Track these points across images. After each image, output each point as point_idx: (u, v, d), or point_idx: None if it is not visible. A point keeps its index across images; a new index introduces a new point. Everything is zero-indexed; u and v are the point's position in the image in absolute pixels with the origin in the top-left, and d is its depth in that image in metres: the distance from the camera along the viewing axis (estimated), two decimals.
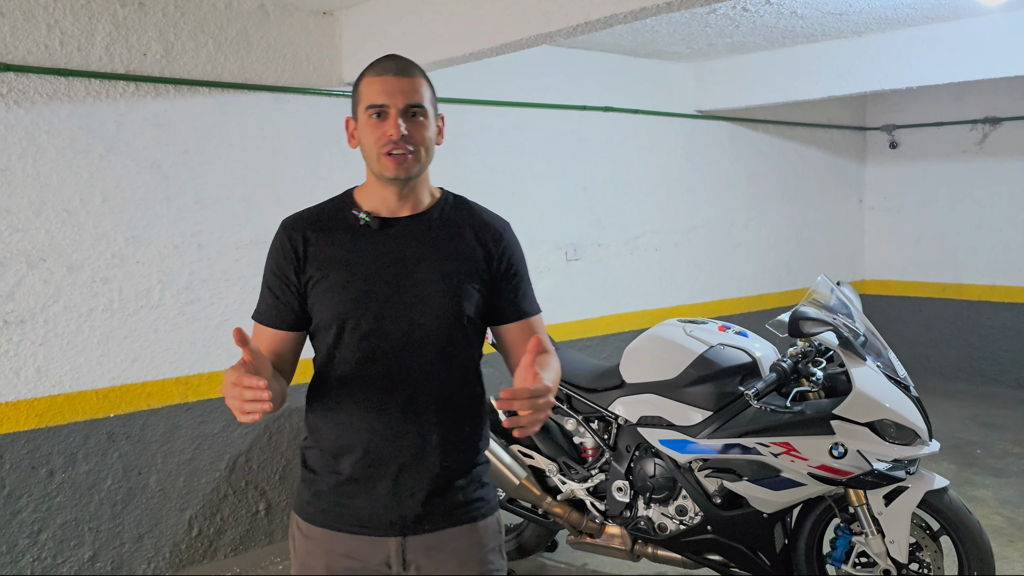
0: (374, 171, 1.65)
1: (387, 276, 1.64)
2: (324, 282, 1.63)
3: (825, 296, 2.93)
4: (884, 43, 4.73)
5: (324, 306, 1.64)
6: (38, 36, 3.08)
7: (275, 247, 1.69)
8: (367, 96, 1.62)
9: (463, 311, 1.66)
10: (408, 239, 1.67)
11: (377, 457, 1.63)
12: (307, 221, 1.69)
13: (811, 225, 6.46)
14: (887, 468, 2.63)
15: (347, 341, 1.63)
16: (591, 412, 3.21)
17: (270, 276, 1.69)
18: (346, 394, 1.65)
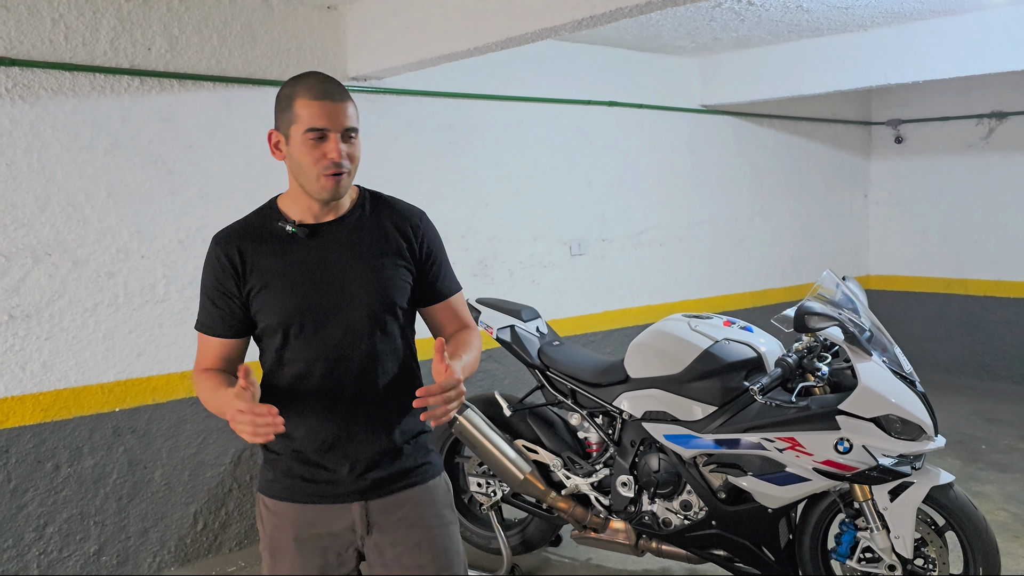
0: (310, 190, 1.73)
1: (321, 281, 1.77)
2: (265, 292, 1.76)
3: (831, 291, 2.92)
4: (890, 37, 4.71)
5: (267, 314, 1.77)
6: (43, 31, 3.08)
7: (212, 262, 1.79)
8: (306, 118, 1.68)
9: (395, 302, 1.81)
10: (335, 243, 1.79)
11: (333, 440, 1.78)
12: (239, 235, 1.79)
13: (816, 220, 6.44)
14: (892, 463, 2.62)
15: (293, 344, 1.77)
16: (595, 407, 3.20)
17: (210, 289, 1.79)
18: (297, 389, 1.78)
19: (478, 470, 3.50)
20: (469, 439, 3.28)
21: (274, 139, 1.76)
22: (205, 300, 1.80)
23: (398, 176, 4.13)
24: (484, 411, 3.36)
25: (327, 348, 1.77)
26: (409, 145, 4.18)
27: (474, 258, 4.46)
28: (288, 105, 1.71)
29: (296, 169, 1.74)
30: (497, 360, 4.59)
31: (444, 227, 4.24)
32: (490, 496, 3.44)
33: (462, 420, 3.27)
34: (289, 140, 1.71)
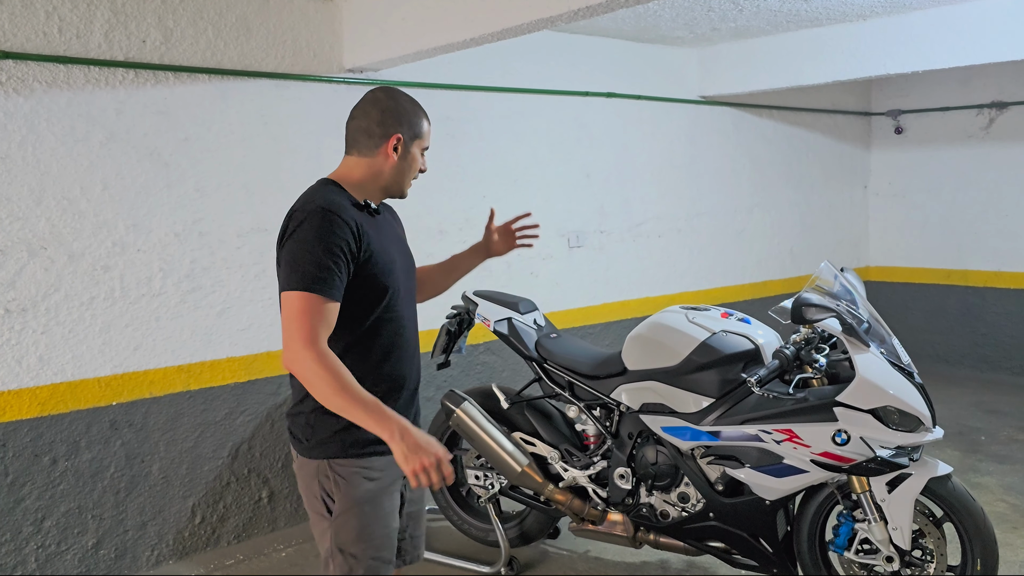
0: (397, 189, 2.11)
1: (399, 251, 2.14)
2: (375, 258, 1.98)
3: (829, 283, 2.91)
4: (889, 27, 4.69)
5: (379, 276, 1.99)
6: (36, 23, 3.07)
7: (333, 227, 1.89)
8: (428, 139, 2.12)
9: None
10: (387, 225, 2.15)
11: (405, 388, 2.11)
12: (344, 205, 1.97)
13: (815, 211, 6.43)
14: (890, 455, 2.61)
15: (391, 303, 2.04)
16: (593, 399, 3.20)
17: (337, 253, 1.88)
18: (392, 342, 2.06)
19: (476, 463, 3.50)
20: (466, 432, 3.27)
21: (396, 143, 2.04)
22: (329, 264, 1.86)
23: None
24: (481, 404, 3.36)
25: (406, 306, 2.11)
26: None
27: None
28: (417, 121, 2.08)
29: (400, 171, 2.07)
30: (495, 352, 4.58)
31: (441, 219, 4.29)
32: (488, 489, 3.44)
33: (459, 413, 3.27)
34: (408, 149, 2.06)
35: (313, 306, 1.85)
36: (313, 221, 1.89)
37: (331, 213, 1.90)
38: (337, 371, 1.83)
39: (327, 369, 1.82)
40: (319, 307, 1.85)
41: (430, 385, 4.32)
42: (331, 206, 1.92)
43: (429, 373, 4.29)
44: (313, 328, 1.84)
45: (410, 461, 1.77)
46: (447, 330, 3.49)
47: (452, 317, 3.51)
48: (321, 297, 1.86)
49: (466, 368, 4.52)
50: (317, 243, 1.87)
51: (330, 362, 1.83)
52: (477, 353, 4.54)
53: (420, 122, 2.09)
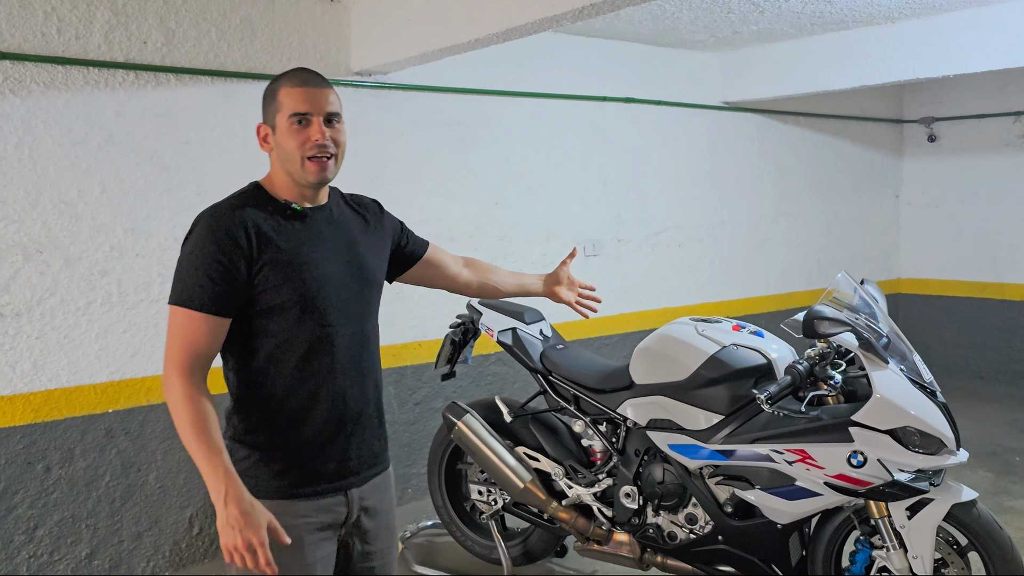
0: (296, 176, 1.78)
1: (326, 259, 1.81)
2: (277, 267, 1.74)
3: (847, 295, 2.75)
4: (921, 29, 4.51)
5: (281, 291, 1.74)
6: (35, 23, 3.03)
7: (210, 235, 1.71)
8: (289, 104, 1.76)
9: (380, 284, 1.98)
10: (327, 225, 1.86)
11: (338, 418, 1.82)
12: (240, 208, 1.76)
13: (844, 221, 6.23)
14: (910, 479, 2.45)
15: (306, 320, 1.77)
16: (599, 414, 3.07)
17: (208, 264, 1.69)
18: (304, 368, 1.78)
19: (480, 477, 3.38)
20: (469, 446, 3.17)
21: (262, 132, 1.82)
22: (198, 275, 1.69)
23: (404, 173, 4.03)
24: (485, 416, 3.25)
25: (337, 325, 1.81)
26: (415, 141, 4.07)
27: (483, 258, 4.28)
28: (273, 96, 1.79)
29: (283, 156, 1.77)
30: (506, 363, 4.47)
31: (451, 226, 4.19)
32: (491, 504, 3.33)
33: (461, 426, 3.17)
34: (276, 129, 1.78)
35: (183, 322, 1.69)
36: (195, 228, 1.75)
37: (213, 218, 1.73)
38: (188, 403, 1.65)
39: (179, 398, 1.66)
40: (189, 323, 1.68)
41: (438, 396, 4.22)
42: (216, 209, 1.75)
43: (436, 384, 4.20)
44: (179, 348, 1.68)
45: (225, 535, 1.59)
46: (451, 340, 3.39)
47: (456, 327, 3.41)
48: (190, 311, 1.68)
49: (476, 379, 4.41)
50: (193, 251, 1.71)
51: (184, 391, 1.66)
52: (487, 364, 4.43)
53: (275, 92, 1.78)
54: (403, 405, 4.13)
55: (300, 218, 1.81)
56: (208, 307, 1.69)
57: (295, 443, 1.79)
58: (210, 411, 1.68)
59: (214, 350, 1.73)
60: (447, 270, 2.24)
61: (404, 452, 4.14)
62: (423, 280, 2.20)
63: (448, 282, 2.26)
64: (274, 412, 1.78)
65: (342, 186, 1.96)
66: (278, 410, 1.77)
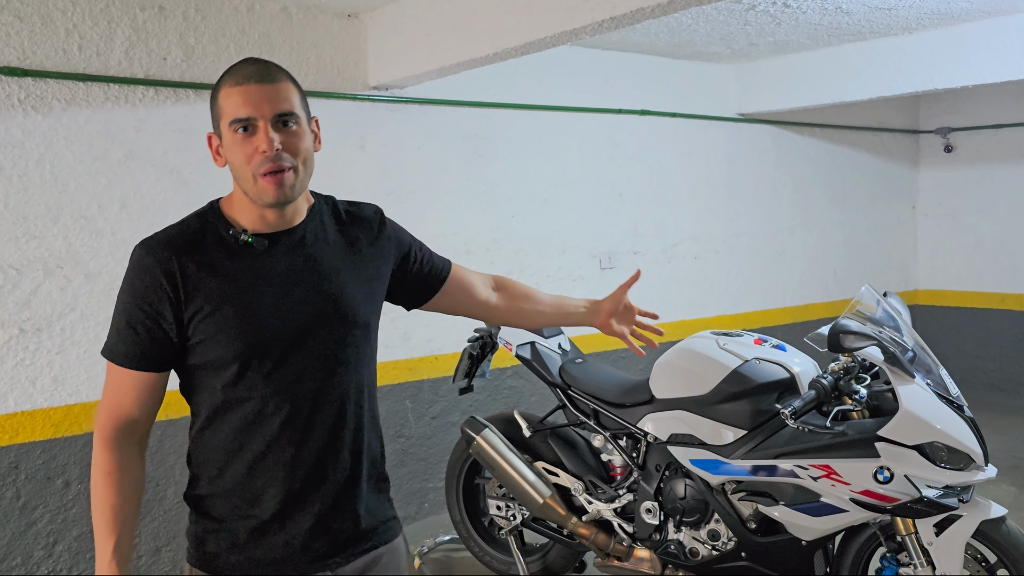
0: (250, 195, 1.46)
1: (285, 301, 1.48)
2: (215, 316, 1.44)
3: (870, 307, 2.72)
4: (938, 40, 4.49)
5: (218, 343, 1.45)
6: (56, 41, 3.05)
7: (137, 276, 1.44)
8: (229, 109, 1.42)
9: (368, 323, 1.59)
10: (295, 256, 1.51)
11: (301, 493, 1.52)
12: (177, 244, 1.45)
13: (861, 232, 6.19)
14: (937, 495, 2.41)
15: (249, 379, 1.47)
16: (619, 428, 3.05)
17: (132, 310, 1.44)
18: (249, 432, 1.48)
19: (498, 492, 3.36)
20: (487, 460, 3.15)
21: (213, 144, 1.49)
22: (121, 322, 1.45)
23: (421, 187, 4.03)
24: (503, 431, 3.23)
25: (290, 382, 1.49)
26: (432, 155, 4.08)
27: (500, 271, 4.33)
28: (215, 99, 1.46)
29: (235, 173, 1.46)
30: (523, 377, 4.45)
31: (468, 239, 4.18)
32: (510, 520, 3.30)
33: (480, 440, 3.15)
34: (223, 139, 1.46)
35: (110, 376, 1.48)
36: (127, 269, 1.48)
37: (139, 258, 1.45)
38: (106, 478, 1.46)
39: (97, 471, 1.47)
40: (114, 378, 1.47)
41: (455, 410, 4.21)
42: (147, 243, 1.46)
43: (453, 398, 4.18)
44: (105, 410, 1.47)
45: None
46: (469, 354, 3.37)
47: (474, 340, 3.40)
48: (114, 365, 1.47)
49: (493, 393, 4.39)
50: (120, 294, 1.47)
51: (104, 464, 1.47)
52: (504, 377, 4.42)
53: (216, 97, 1.46)
54: (420, 419, 4.12)
55: (253, 250, 1.48)
56: (130, 361, 1.45)
57: (243, 518, 1.51)
58: (127, 488, 1.47)
59: (146, 410, 1.49)
60: (474, 295, 1.86)
61: (421, 466, 4.13)
62: (444, 307, 1.84)
63: (474, 309, 1.89)
64: (217, 478, 1.52)
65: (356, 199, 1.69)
66: (221, 477, 1.51)
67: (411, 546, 3.80)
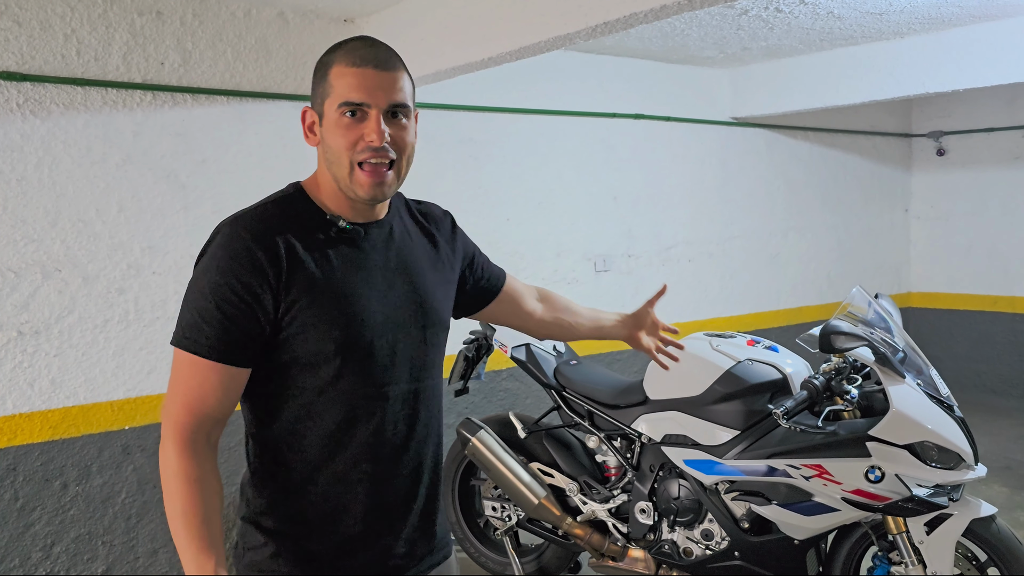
0: (341, 183, 1.37)
1: (390, 292, 1.42)
2: (314, 306, 1.33)
3: (862, 309, 2.75)
4: (928, 44, 4.53)
5: (317, 337, 1.33)
6: (55, 46, 3.07)
7: (230, 255, 1.30)
8: (341, 90, 1.33)
9: (447, 325, 1.55)
10: (384, 250, 1.44)
11: (384, 508, 1.43)
12: (276, 223, 1.35)
13: (854, 235, 6.23)
14: (928, 494, 2.44)
15: (349, 375, 1.36)
16: (613, 429, 3.07)
17: (224, 293, 1.29)
18: (342, 438, 1.38)
19: (494, 493, 3.39)
20: (482, 462, 3.17)
21: (308, 119, 1.41)
22: (206, 307, 1.29)
23: (417, 190, 4.00)
24: (499, 432, 3.26)
25: (383, 384, 1.40)
26: (428, 159, 4.10)
27: None
28: (323, 74, 1.36)
29: (329, 156, 1.37)
30: (518, 379, 4.47)
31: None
32: (505, 521, 3.33)
33: (475, 442, 3.17)
34: (323, 118, 1.37)
35: (187, 371, 1.31)
36: (211, 243, 1.34)
37: (234, 230, 1.32)
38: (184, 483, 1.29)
39: (173, 475, 1.30)
40: (194, 373, 1.30)
41: (450, 412, 4.23)
42: (241, 219, 1.34)
43: (449, 400, 4.20)
44: (180, 405, 1.31)
45: None
46: (464, 355, 3.40)
47: (470, 342, 3.42)
48: (195, 357, 1.30)
49: (488, 395, 4.41)
50: (204, 276, 1.32)
51: (181, 467, 1.29)
52: (499, 379, 4.44)
53: (326, 72, 1.36)
54: None
55: (350, 239, 1.40)
56: (218, 354, 1.30)
57: (324, 536, 1.40)
58: (212, 496, 1.32)
59: (227, 410, 1.34)
60: (523, 306, 1.81)
61: None
62: (494, 317, 1.78)
63: (521, 320, 1.83)
64: (298, 493, 1.39)
65: None
66: (303, 492, 1.39)
67: None
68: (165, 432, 1.32)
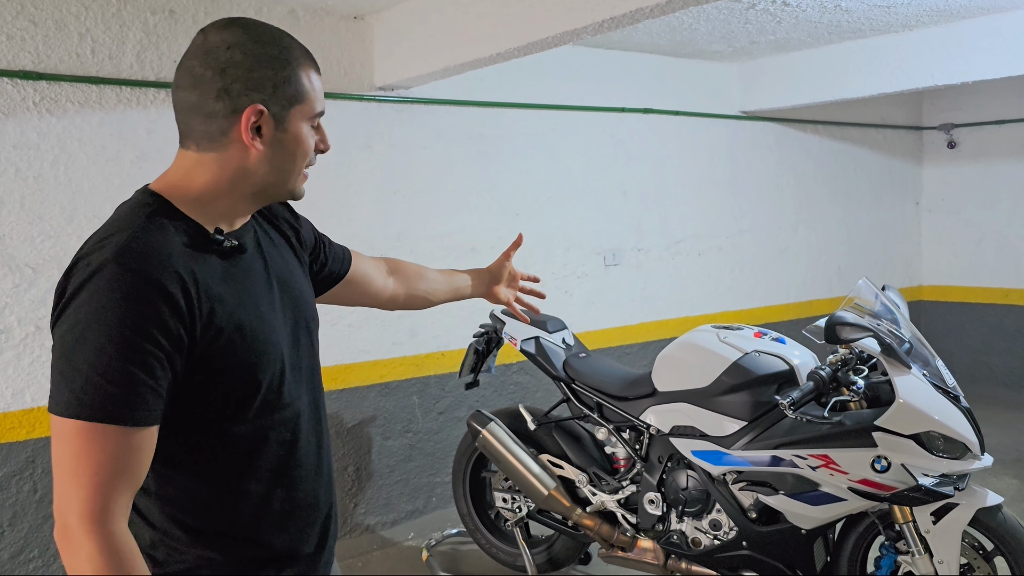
0: (271, 189, 1.26)
1: (285, 303, 1.33)
2: (233, 337, 1.19)
3: (868, 301, 2.77)
4: (937, 36, 4.52)
5: (239, 368, 1.21)
6: (70, 45, 3.12)
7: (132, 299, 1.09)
8: (315, 97, 1.24)
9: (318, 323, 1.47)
10: (260, 257, 1.33)
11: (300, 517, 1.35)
12: (167, 252, 1.15)
13: (864, 229, 6.22)
14: (934, 484, 2.46)
15: (268, 405, 1.26)
16: (622, 421, 3.10)
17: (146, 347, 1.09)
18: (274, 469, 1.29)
19: (504, 485, 3.42)
20: (493, 454, 3.21)
21: (256, 120, 1.19)
22: (126, 369, 1.07)
23: (426, 186, 4.09)
24: (509, 425, 3.29)
25: (300, 396, 1.33)
26: (438, 155, 4.14)
27: None
28: (287, 76, 1.20)
29: (278, 165, 1.23)
30: (528, 372, 4.51)
31: (473, 237, 4.24)
32: (515, 512, 3.36)
33: (486, 434, 3.21)
34: (285, 126, 1.21)
35: (97, 446, 1.07)
36: (98, 289, 1.08)
37: (132, 274, 1.09)
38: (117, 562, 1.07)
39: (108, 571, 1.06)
40: (112, 446, 1.08)
41: (461, 405, 4.27)
42: (133, 258, 1.11)
43: (459, 394, 4.24)
44: (99, 487, 1.07)
45: None
46: (475, 349, 3.43)
47: (480, 336, 3.46)
48: (113, 427, 1.07)
49: (499, 388, 4.45)
50: (103, 332, 1.07)
51: (117, 560, 1.07)
52: (510, 373, 4.47)
53: (293, 75, 1.21)
54: (427, 414, 4.18)
55: (230, 253, 1.25)
56: (145, 415, 1.10)
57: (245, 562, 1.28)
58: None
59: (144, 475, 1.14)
60: (372, 284, 1.72)
61: (428, 461, 4.19)
62: (341, 299, 1.67)
63: (372, 298, 1.73)
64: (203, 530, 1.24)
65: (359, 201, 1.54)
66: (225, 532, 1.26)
67: (419, 539, 3.86)
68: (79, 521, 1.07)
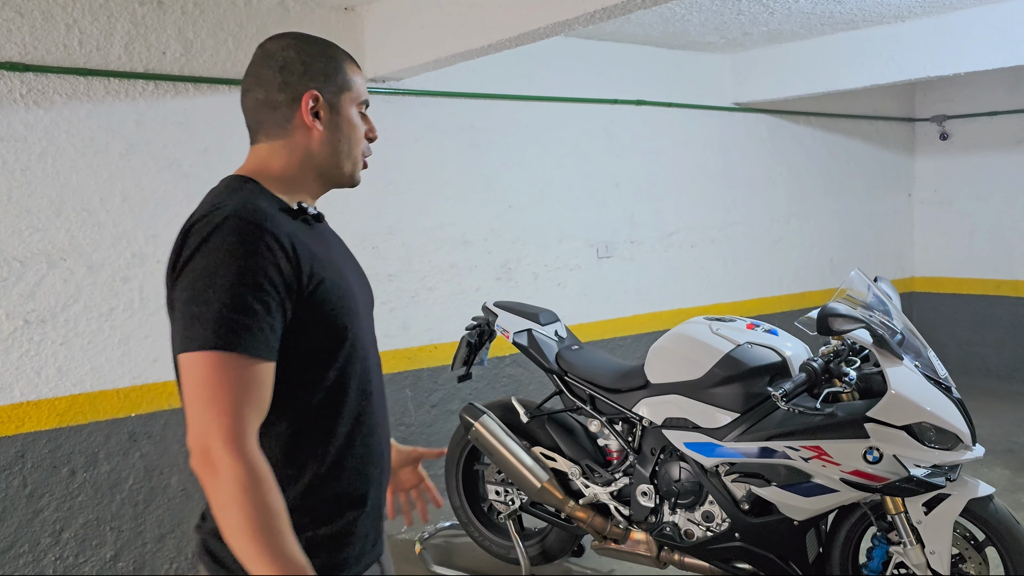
0: (332, 171, 1.44)
1: (355, 273, 1.49)
2: (326, 288, 1.31)
3: (860, 293, 2.77)
4: (930, 28, 4.52)
5: (334, 317, 1.32)
6: (57, 36, 3.09)
7: (263, 246, 1.22)
8: (359, 88, 1.45)
9: None
10: (332, 234, 1.51)
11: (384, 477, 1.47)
12: (275, 216, 1.30)
13: (857, 221, 6.23)
14: (926, 474, 2.47)
15: (353, 354, 1.37)
16: (615, 413, 3.10)
17: (266, 287, 1.21)
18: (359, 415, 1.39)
19: (497, 478, 3.42)
20: (486, 446, 3.20)
21: (314, 104, 1.39)
22: (252, 304, 1.19)
23: (418, 178, 4.07)
24: (501, 417, 3.28)
25: (372, 356, 1.45)
26: (430, 147, 4.12)
27: (497, 261, 4.38)
28: (336, 68, 1.42)
29: (335, 147, 1.41)
30: (521, 365, 4.50)
31: (466, 230, 4.23)
32: (508, 504, 3.36)
33: (478, 427, 3.20)
34: (338, 110, 1.42)
35: (232, 374, 1.17)
36: (223, 238, 1.22)
37: (251, 224, 1.23)
38: (265, 496, 1.15)
39: (252, 488, 1.14)
40: (242, 374, 1.18)
41: (454, 398, 4.26)
42: (250, 213, 1.25)
43: (452, 386, 4.23)
44: (236, 412, 1.16)
45: None
46: (467, 342, 3.42)
47: (472, 328, 3.44)
48: (244, 357, 1.18)
49: (491, 380, 4.44)
50: (230, 272, 1.20)
51: (258, 477, 1.15)
52: (503, 366, 4.47)
53: (340, 67, 1.42)
54: (420, 407, 4.17)
55: (314, 224, 1.42)
56: (265, 349, 1.22)
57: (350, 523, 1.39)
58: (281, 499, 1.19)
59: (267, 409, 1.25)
60: None
61: None
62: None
63: None
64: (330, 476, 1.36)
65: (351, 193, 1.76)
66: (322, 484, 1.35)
67: (412, 532, 3.86)
68: (223, 445, 1.14)
